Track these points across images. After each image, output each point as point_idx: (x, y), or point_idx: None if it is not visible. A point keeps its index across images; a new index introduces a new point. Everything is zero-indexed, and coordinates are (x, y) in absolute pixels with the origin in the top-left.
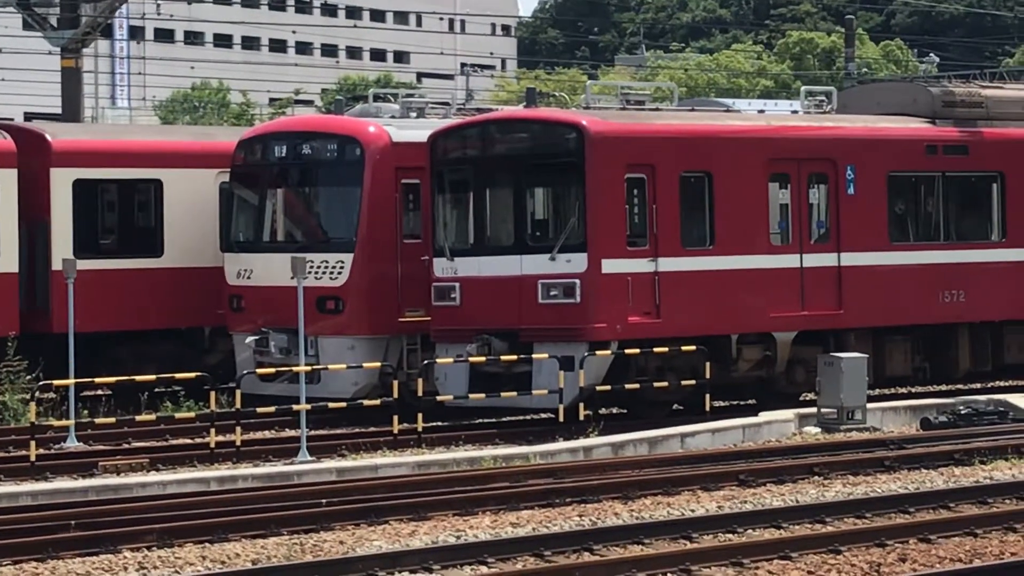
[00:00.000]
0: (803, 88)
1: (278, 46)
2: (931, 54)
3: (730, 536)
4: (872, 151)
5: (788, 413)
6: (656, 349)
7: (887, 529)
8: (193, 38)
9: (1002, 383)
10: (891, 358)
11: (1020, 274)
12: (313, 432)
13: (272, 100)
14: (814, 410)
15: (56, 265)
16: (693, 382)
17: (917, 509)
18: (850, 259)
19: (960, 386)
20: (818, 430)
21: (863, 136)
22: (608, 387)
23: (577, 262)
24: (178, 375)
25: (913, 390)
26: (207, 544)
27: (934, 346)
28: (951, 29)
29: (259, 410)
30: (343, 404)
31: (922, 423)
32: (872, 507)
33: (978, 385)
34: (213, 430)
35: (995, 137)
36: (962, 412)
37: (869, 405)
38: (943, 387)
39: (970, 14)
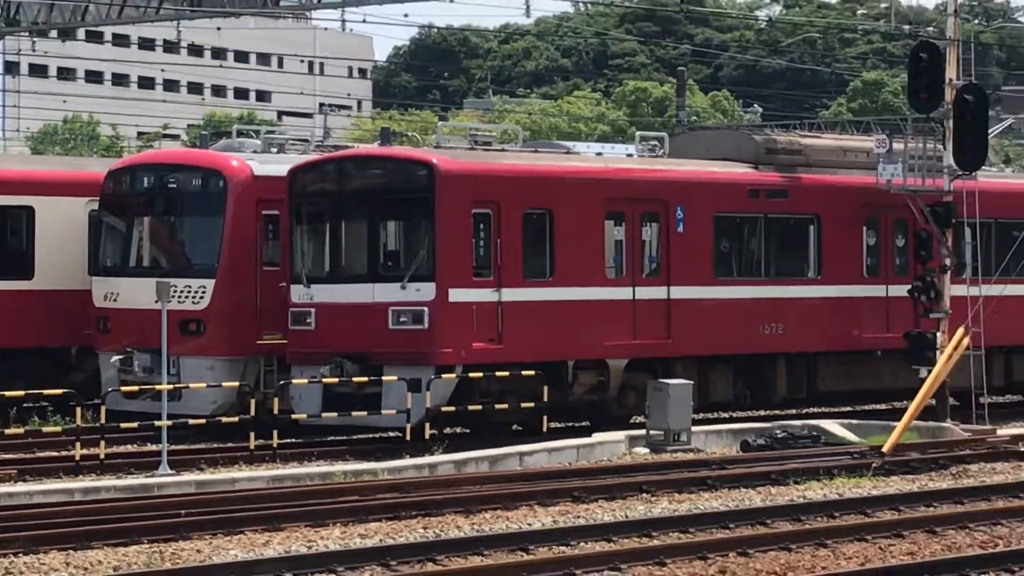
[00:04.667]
0: (638, 133)
1: (147, 83)
2: (755, 104)
3: (563, 548)
4: (700, 193)
5: (619, 435)
6: (498, 373)
7: (709, 543)
8: (66, 74)
9: (816, 409)
10: (715, 385)
11: (834, 309)
12: (174, 447)
13: (140, 134)
14: (644, 432)
15: None
16: (532, 405)
17: (736, 525)
18: (679, 292)
19: (777, 412)
20: (647, 451)
21: (692, 179)
22: (453, 408)
23: (426, 291)
24: (46, 391)
25: (734, 415)
26: (71, 551)
27: (754, 374)
28: (774, 82)
29: (123, 425)
30: (203, 420)
31: (742, 445)
32: (695, 523)
33: (794, 411)
34: (79, 444)
35: (813, 182)
36: (779, 436)
37: (694, 428)
38: (762, 412)
39: (791, 68)
